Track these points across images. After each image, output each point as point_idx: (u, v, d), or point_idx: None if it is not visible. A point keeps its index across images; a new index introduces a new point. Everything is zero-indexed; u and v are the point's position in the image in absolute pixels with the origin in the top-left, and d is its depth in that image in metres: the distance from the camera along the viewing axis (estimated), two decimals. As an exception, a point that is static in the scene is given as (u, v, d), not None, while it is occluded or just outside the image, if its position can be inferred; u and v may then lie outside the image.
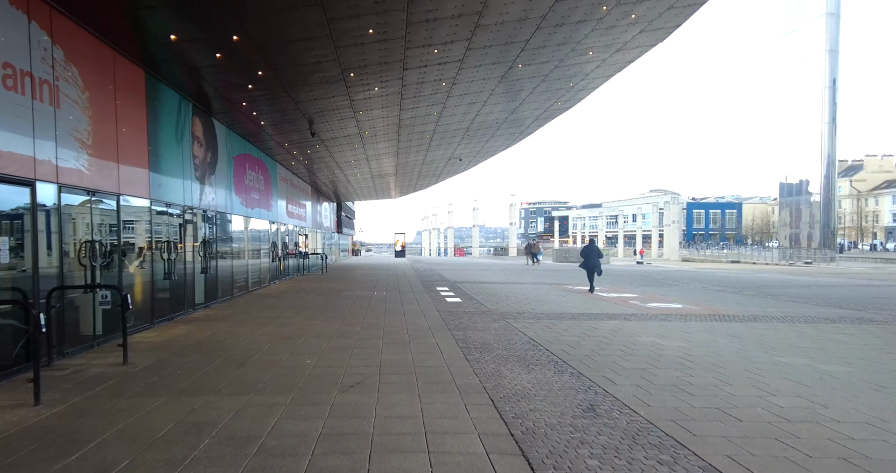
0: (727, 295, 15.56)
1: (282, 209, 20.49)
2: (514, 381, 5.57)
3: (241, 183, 15.03)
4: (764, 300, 14.05)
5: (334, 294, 15.05)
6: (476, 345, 7.58)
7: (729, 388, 5.30)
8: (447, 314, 10.83)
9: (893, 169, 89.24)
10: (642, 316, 10.71)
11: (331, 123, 14.96)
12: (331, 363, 6.44)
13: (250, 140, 15.72)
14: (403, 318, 10.37)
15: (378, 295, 14.84)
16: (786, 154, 49.36)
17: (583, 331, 8.84)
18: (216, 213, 12.87)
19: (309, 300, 13.49)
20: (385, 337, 8.22)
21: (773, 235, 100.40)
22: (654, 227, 72.07)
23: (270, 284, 18.29)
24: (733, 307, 12.36)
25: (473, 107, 15.86)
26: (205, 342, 7.79)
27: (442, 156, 24.31)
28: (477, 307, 12.04)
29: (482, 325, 9.50)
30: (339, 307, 12.13)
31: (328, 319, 10.19)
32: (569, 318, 10.43)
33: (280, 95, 11.87)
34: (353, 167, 23.85)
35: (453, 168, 28.87)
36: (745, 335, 8.50)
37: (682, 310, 11.76)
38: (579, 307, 12.30)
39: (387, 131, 17.19)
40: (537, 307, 12.27)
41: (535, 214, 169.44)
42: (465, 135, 20.12)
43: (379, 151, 20.58)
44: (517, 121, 19.04)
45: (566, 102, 17.38)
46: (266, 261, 18.12)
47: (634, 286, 18.57)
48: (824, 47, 43.95)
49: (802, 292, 16.48)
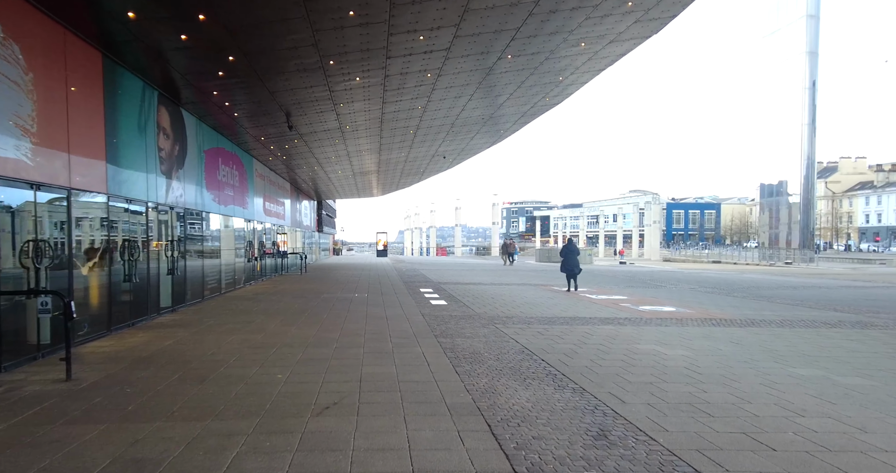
0: (718, 297, 15.20)
1: (258, 207, 19.64)
2: (512, 400, 4.96)
3: (214, 178, 14.19)
4: (757, 303, 13.69)
5: (313, 296, 14.30)
6: (465, 355, 6.96)
7: (750, 407, 4.76)
8: (432, 319, 10.20)
9: (867, 171, 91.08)
10: (637, 321, 10.21)
11: (310, 115, 14.20)
12: (305, 377, 5.75)
13: (224, 133, 14.88)
14: (386, 323, 9.71)
15: (359, 297, 14.14)
16: (766, 155, 49.75)
17: (578, 338, 8.28)
18: (185, 210, 12.04)
19: (285, 303, 12.74)
20: (366, 345, 7.55)
21: (752, 235, 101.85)
22: (635, 227, 72.36)
23: (246, 285, 17.45)
24: (728, 311, 11.95)
25: (459, 101, 15.24)
26: (164, 353, 7.03)
27: (425, 153, 23.64)
28: (463, 311, 11.43)
29: (470, 331, 8.89)
30: (318, 310, 11.41)
31: (305, 324, 9.47)
32: (561, 322, 9.88)
33: (254, 85, 11.10)
34: (334, 164, 23.06)
35: (437, 166, 28.22)
36: (748, 342, 8.02)
37: (677, 314, 11.30)
38: (570, 310, 11.77)
39: (369, 126, 16.48)
40: (526, 310, 11.71)
41: (517, 213, 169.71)
42: (450, 131, 19.49)
43: (361, 147, 19.84)
44: (503, 117, 18.47)
45: (554, 98, 16.86)
46: (241, 261, 17.27)
47: (622, 288, 18.15)
48: (804, 49, 44.31)
49: (792, 294, 16.21)
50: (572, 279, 16.15)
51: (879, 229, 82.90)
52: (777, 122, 47.81)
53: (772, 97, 48.50)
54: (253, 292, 15.75)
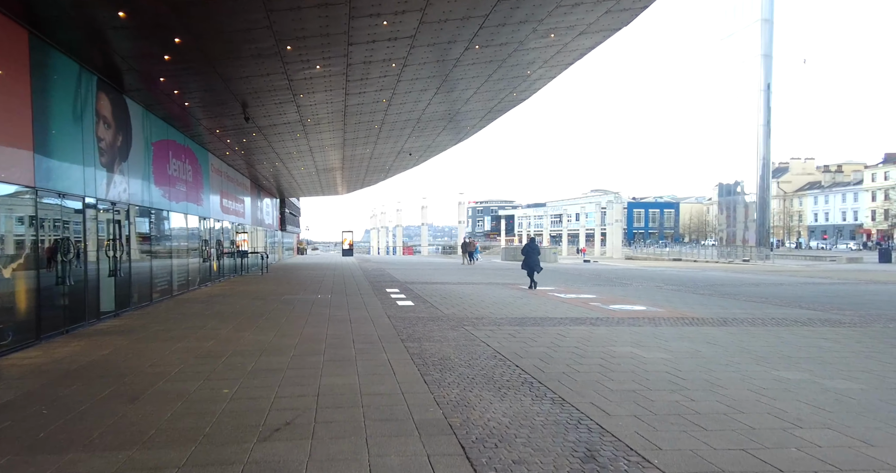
0: (685, 295, 15.15)
1: (215, 204, 18.64)
2: (487, 414, 4.48)
3: (163, 173, 13.25)
4: (723, 301, 13.66)
5: (272, 298, 13.54)
6: (434, 361, 6.45)
7: (743, 418, 4.41)
8: (399, 321, 9.65)
9: (815, 171, 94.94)
10: (609, 321, 9.91)
11: (268, 107, 13.42)
12: (255, 392, 5.13)
13: (175, 125, 13.93)
14: (349, 326, 9.11)
15: (322, 298, 13.46)
16: (723, 156, 50.95)
17: (551, 340, 7.88)
18: (129, 206, 11.12)
19: (242, 306, 11.96)
20: (327, 352, 6.95)
21: (710, 233, 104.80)
22: (597, 226, 73.37)
23: (201, 287, 16.48)
24: (698, 309, 11.81)
25: (425, 95, 14.71)
26: (97, 365, 6.27)
27: (391, 150, 23.01)
28: (431, 312, 10.91)
29: (439, 334, 8.39)
30: (277, 313, 10.70)
31: (261, 329, 8.78)
32: (532, 323, 9.49)
33: (205, 71, 10.31)
34: (296, 160, 22.18)
35: (403, 163, 27.60)
36: (725, 343, 7.78)
37: (648, 313, 11.07)
38: (540, 310, 11.41)
39: (332, 120, 15.77)
40: (496, 310, 11.28)
41: (482, 213, 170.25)
42: (416, 127, 18.95)
43: (324, 142, 19.07)
44: (470, 112, 18.04)
45: (522, 93, 16.52)
46: (196, 261, 16.30)
47: (589, 286, 17.99)
48: (759, 52, 45.48)
49: (756, 291, 16.33)
50: (532, 277, 16.51)
51: (827, 228, 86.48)
52: (733, 123, 49.02)
53: (728, 99, 49.69)
54: (208, 294, 14.85)
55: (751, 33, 46.21)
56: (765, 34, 44.83)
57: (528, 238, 18.37)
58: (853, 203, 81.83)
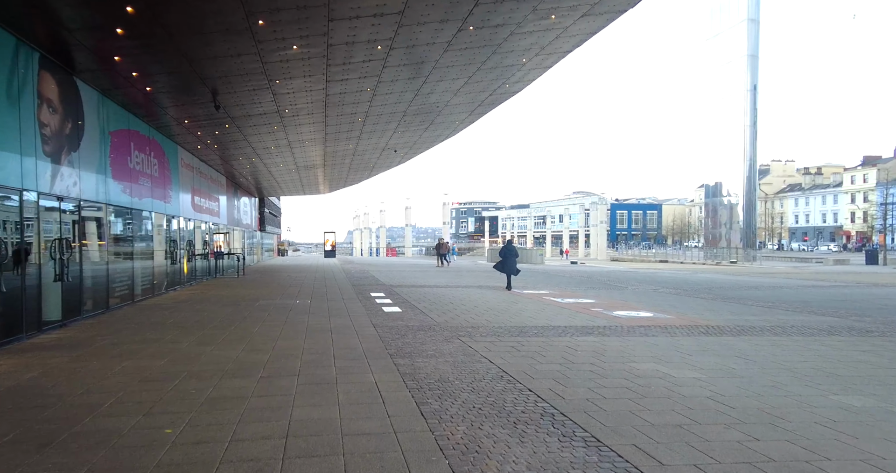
0: (686, 299, 14.34)
1: (185, 202, 17.35)
2: (507, 466, 3.46)
3: (123, 166, 12.00)
4: (729, 305, 12.85)
5: (246, 304, 12.37)
6: (431, 384, 5.43)
7: (833, 468, 3.45)
8: (386, 331, 8.59)
9: (795, 174, 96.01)
10: (618, 330, 8.97)
11: (241, 94, 12.26)
12: (205, 432, 4.04)
13: (137, 113, 12.68)
14: (330, 338, 8.02)
15: (301, 304, 12.33)
16: (708, 157, 50.74)
17: (561, 354, 6.90)
18: (80, 202, 9.88)
19: (211, 313, 10.78)
20: (302, 373, 5.88)
21: (692, 235, 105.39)
22: (581, 227, 73.01)
23: (168, 291, 15.20)
24: (707, 316, 10.96)
25: (413, 84, 13.67)
26: (16, 393, 5.11)
27: (375, 146, 21.90)
28: (421, 320, 9.87)
29: (432, 347, 7.35)
30: (249, 322, 9.56)
31: (228, 342, 7.65)
32: (535, 333, 8.50)
33: (167, 49, 9.14)
34: (274, 155, 20.94)
35: (387, 161, 26.48)
36: (757, 358, 6.88)
37: (657, 320, 10.17)
38: (540, 317, 10.44)
39: (312, 111, 14.63)
40: (492, 317, 10.28)
41: (466, 214, 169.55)
42: (402, 121, 17.88)
43: (303, 136, 17.90)
44: (460, 105, 17.04)
45: (515, 84, 15.57)
46: (163, 263, 15.02)
47: (584, 289, 17.11)
48: (745, 52, 45.30)
49: (758, 295, 15.59)
50: (509, 278, 16.55)
51: (807, 229, 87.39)
52: (719, 124, 48.80)
53: (713, 100, 49.47)
54: (175, 299, 13.60)
55: (737, 33, 46.01)
56: (751, 34, 44.66)
57: (506, 240, 18.50)
58: (833, 205, 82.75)
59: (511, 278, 16.51)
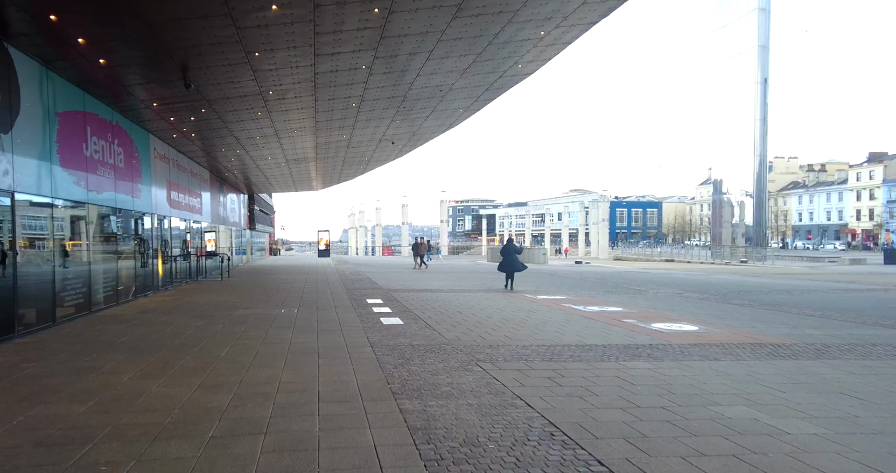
0: (723, 307, 12.71)
1: (160, 197, 15.59)
2: None
3: (76, 154, 10.24)
4: (776, 315, 11.23)
5: (222, 315, 10.65)
6: (454, 451, 3.75)
7: None
8: (387, 354, 6.90)
9: (798, 171, 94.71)
10: (670, 351, 7.31)
11: (215, 71, 10.53)
12: None
13: (94, 92, 10.92)
14: (316, 365, 6.33)
15: (286, 314, 10.63)
16: (716, 153, 49.26)
17: (616, 391, 5.24)
18: (13, 193, 8.13)
19: (177, 327, 9.06)
20: (272, 429, 4.18)
21: (693, 233, 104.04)
22: (581, 225, 71.46)
23: (137, 297, 13.45)
24: (761, 328, 9.34)
25: (415, 61, 11.95)
26: None
27: (371, 137, 20.17)
28: (427, 336, 8.18)
29: (446, 380, 5.68)
30: (217, 341, 7.85)
31: (183, 374, 5.94)
32: (571, 357, 6.83)
33: (115, 6, 7.40)
34: (261, 147, 19.18)
35: (384, 154, 24.75)
36: (868, 395, 5.25)
37: (707, 336, 8.52)
38: (567, 331, 8.77)
39: (300, 93, 12.90)
40: (511, 332, 8.61)
41: (463, 212, 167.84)
42: (401, 108, 16.16)
43: (291, 124, 16.16)
44: (466, 89, 15.32)
45: (528, 65, 13.85)
46: (130, 265, 13.27)
47: (603, 294, 15.47)
48: (755, 43, 43.76)
49: (798, 301, 13.99)
50: (510, 279, 16.21)
51: (811, 227, 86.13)
52: (726, 119, 47.30)
53: (720, 95, 47.96)
54: (142, 308, 11.86)
55: (746, 24, 44.48)
56: (761, 24, 43.11)
57: (507, 238, 18.11)
58: (838, 203, 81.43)
59: (513, 279, 16.25)
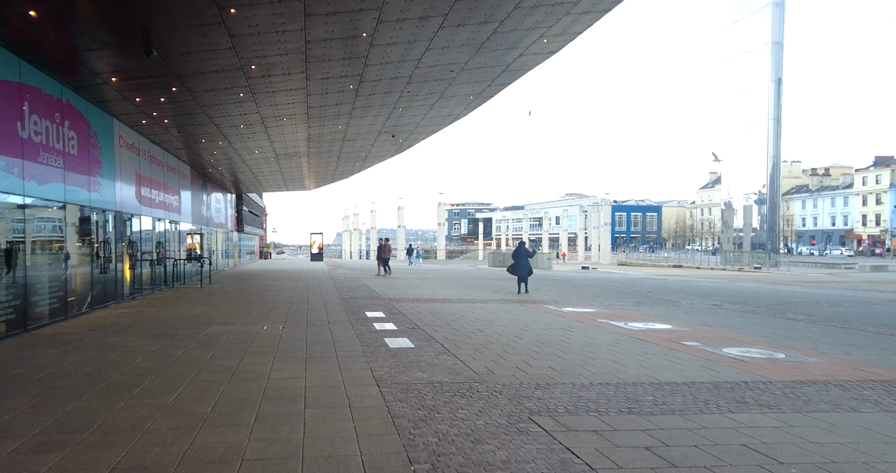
0: (783, 322, 10.79)
1: (126, 193, 13.54)
2: None
3: (6, 135, 8.20)
4: (857, 336, 9.35)
5: (189, 333, 8.62)
6: None
7: None
8: (400, 399, 4.89)
9: (802, 175, 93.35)
10: (777, 392, 5.37)
11: (184, 34, 8.54)
12: None
13: (33, 60, 8.89)
14: (301, 422, 4.32)
15: (268, 333, 8.60)
16: (728, 155, 47.56)
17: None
18: None
19: (124, 354, 7.01)
20: None
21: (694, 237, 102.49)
22: (580, 229, 69.66)
23: (92, 310, 11.37)
24: (858, 355, 7.45)
25: (425, 29, 9.98)
26: None
27: (370, 128, 18.19)
28: (449, 367, 6.18)
29: (496, 451, 3.70)
30: (171, 374, 5.81)
31: (99, 439, 3.91)
32: (654, 405, 4.87)
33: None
34: (246, 138, 17.16)
35: (383, 149, 22.76)
36: None
37: (806, 368, 6.59)
38: (627, 360, 6.80)
39: (288, 69, 10.90)
40: (556, 361, 6.62)
41: (459, 215, 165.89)
42: (405, 93, 14.20)
43: (280, 110, 14.16)
44: (480, 71, 13.37)
45: (554, 39, 11.92)
46: (85, 271, 11.22)
47: (636, 306, 13.53)
48: (769, 40, 41.98)
49: (860, 315, 12.16)
50: (523, 283, 15.85)
51: (815, 233, 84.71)
52: (737, 119, 45.58)
53: (731, 94, 46.25)
54: (93, 324, 9.79)
55: (760, 19, 42.75)
56: (776, 19, 41.33)
57: (518, 242, 17.71)
58: (843, 207, 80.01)
59: (526, 283, 15.90)
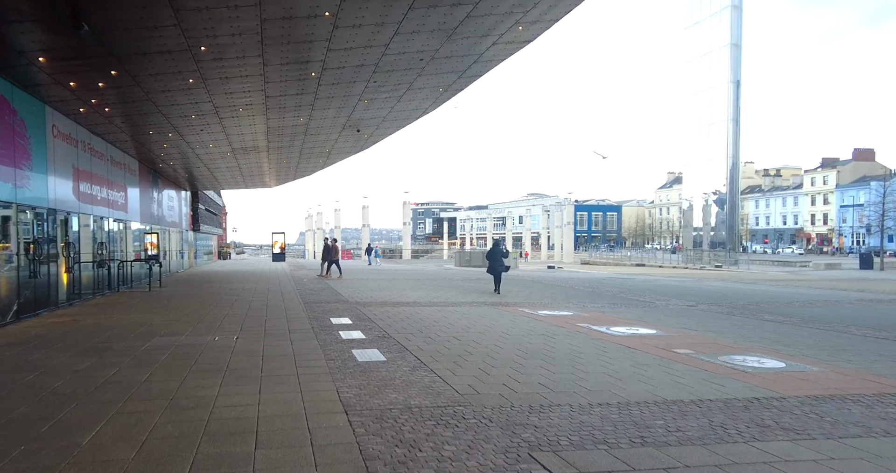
0: (769, 326, 10.47)
1: (62, 188, 12.18)
2: None
3: None
4: (845, 339, 9.06)
5: (127, 347, 7.52)
6: None
7: None
8: (373, 431, 4.05)
9: (755, 175, 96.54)
10: (796, 411, 4.82)
11: (120, 5, 7.44)
12: None
13: (-63, 31, 7.62)
14: (249, 470, 3.43)
15: (220, 345, 7.60)
16: (688, 155, 48.38)
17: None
18: None
19: (42, 375, 5.92)
20: None
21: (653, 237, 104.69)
22: (543, 228, 69.93)
23: (18, 319, 10.05)
24: (861, 363, 7.07)
25: (395, 9, 9.13)
26: None
27: (333, 122, 17.17)
28: (427, 386, 5.37)
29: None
30: (94, 403, 4.81)
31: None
32: (667, 433, 4.22)
33: None
34: (199, 131, 15.88)
35: (347, 145, 21.71)
36: None
37: (813, 380, 6.12)
38: (621, 372, 6.16)
39: (242, 51, 9.86)
40: (545, 376, 5.91)
41: (424, 215, 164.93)
42: (371, 82, 13.28)
43: (235, 98, 13.02)
44: (452, 59, 12.58)
45: (531, 26, 11.25)
46: (9, 276, 9.90)
47: (611, 307, 13.05)
48: (728, 42, 42.87)
49: (838, 316, 12.02)
50: (498, 282, 16.18)
51: (768, 231, 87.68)
52: (697, 120, 46.43)
53: (691, 95, 47.09)
54: (17, 335, 8.54)
55: (719, 21, 43.58)
56: (734, 22, 42.19)
57: (493, 241, 18.06)
58: (793, 207, 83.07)
59: (499, 282, 16.26)
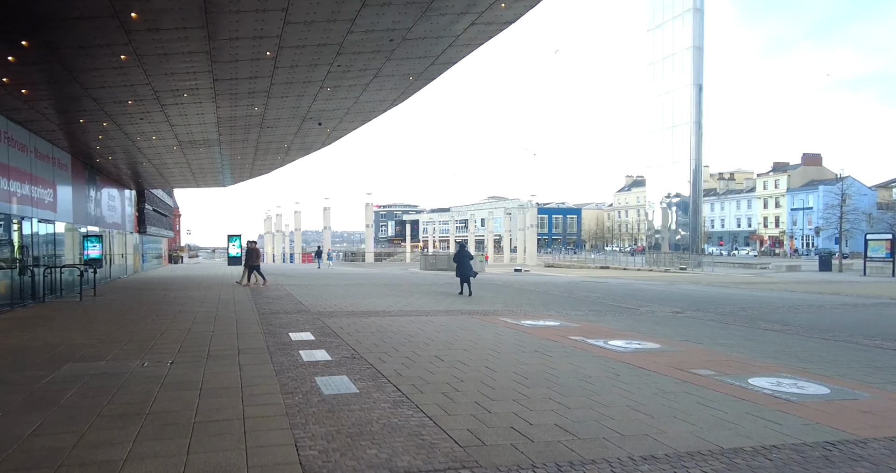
0: (773, 337, 9.68)
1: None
2: None
3: None
4: (847, 349, 8.29)
5: (26, 378, 5.97)
6: None
7: None
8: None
9: (710, 179, 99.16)
10: (892, 465, 3.80)
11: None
12: None
13: None
14: None
15: (147, 374, 6.12)
16: (650, 157, 48.65)
17: None
18: None
19: None
20: None
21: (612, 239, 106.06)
22: (507, 231, 69.55)
23: None
24: (883, 378, 6.19)
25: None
26: None
27: (293, 113, 15.66)
28: (415, 433, 4.12)
29: None
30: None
31: None
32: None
33: None
34: (138, 119, 14.09)
35: (308, 140, 20.15)
36: None
37: (871, 408, 5.18)
38: (649, 406, 5.09)
39: (182, 21, 8.36)
40: (559, 411, 4.78)
41: (386, 217, 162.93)
42: (334, 66, 11.92)
43: (177, 80, 11.41)
44: (425, 41, 11.36)
45: (515, 4, 10.15)
46: None
47: (598, 316, 12.11)
48: (690, 44, 43.23)
49: (835, 322, 11.42)
50: (466, 284, 16.25)
51: (723, 234, 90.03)
52: (659, 123, 46.70)
53: (653, 97, 47.38)
54: None
55: (681, 24, 43.93)
56: (696, 25, 42.55)
57: (459, 245, 18.02)
58: (747, 210, 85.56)
59: (470, 285, 16.35)
